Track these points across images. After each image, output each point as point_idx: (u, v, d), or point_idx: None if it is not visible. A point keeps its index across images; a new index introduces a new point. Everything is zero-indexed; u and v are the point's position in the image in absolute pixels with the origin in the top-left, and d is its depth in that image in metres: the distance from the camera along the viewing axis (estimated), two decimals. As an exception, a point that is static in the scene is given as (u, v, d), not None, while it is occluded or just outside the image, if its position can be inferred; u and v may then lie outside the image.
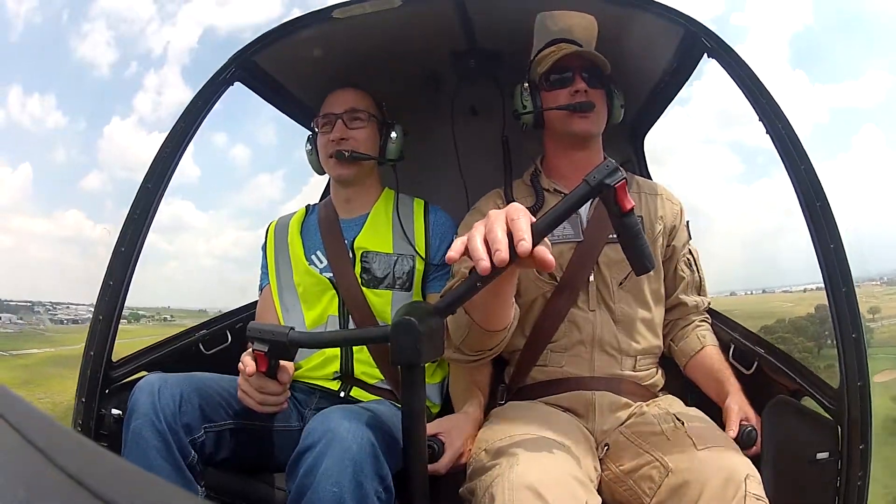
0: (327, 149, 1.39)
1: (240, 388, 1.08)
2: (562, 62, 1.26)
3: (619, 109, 1.33)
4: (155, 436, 1.02)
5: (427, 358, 0.82)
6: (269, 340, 0.97)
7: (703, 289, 1.36)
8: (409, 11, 1.35)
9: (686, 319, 1.34)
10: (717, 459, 0.94)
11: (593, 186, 0.80)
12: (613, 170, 0.80)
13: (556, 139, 1.32)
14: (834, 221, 1.11)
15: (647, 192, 1.35)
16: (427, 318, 0.82)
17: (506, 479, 0.85)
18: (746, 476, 0.89)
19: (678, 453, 0.99)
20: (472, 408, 1.18)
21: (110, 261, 1.33)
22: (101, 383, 1.27)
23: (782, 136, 1.17)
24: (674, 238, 1.33)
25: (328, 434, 0.94)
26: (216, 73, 1.41)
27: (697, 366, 1.28)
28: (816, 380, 1.15)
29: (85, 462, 0.31)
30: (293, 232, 1.46)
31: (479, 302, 0.92)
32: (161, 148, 1.38)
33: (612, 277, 1.23)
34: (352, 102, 1.40)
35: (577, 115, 1.24)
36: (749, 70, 1.21)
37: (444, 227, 1.42)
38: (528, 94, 1.30)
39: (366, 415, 1.02)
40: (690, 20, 1.27)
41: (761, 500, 0.88)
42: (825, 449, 1.07)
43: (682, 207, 1.37)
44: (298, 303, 1.39)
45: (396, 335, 0.81)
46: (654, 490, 0.98)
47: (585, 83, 1.25)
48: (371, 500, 0.93)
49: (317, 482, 0.90)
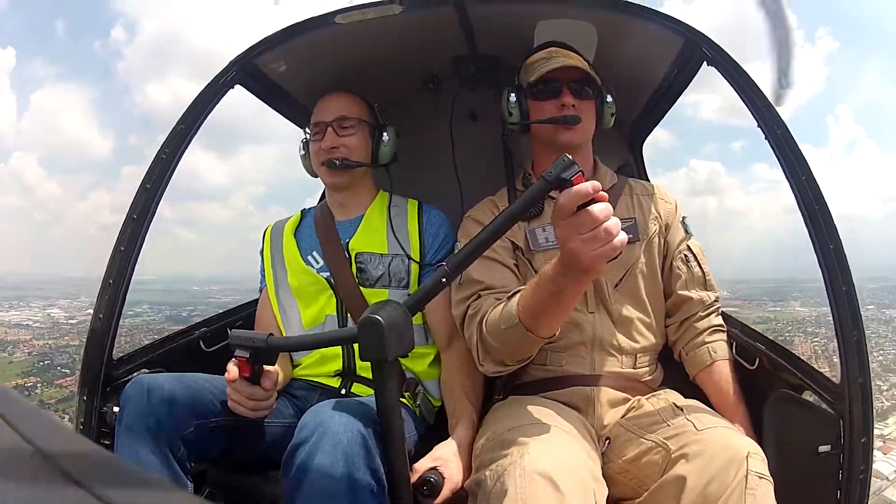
0: (319, 157, 1.40)
1: (230, 398, 1.10)
2: (550, 74, 1.26)
3: (609, 118, 1.33)
4: (145, 430, 1.03)
5: (394, 353, 0.86)
6: (249, 346, 1.01)
7: (710, 284, 1.32)
8: (410, 18, 1.36)
9: (694, 317, 1.30)
10: (719, 439, 0.95)
11: (550, 181, 0.85)
12: (569, 164, 0.84)
13: (542, 146, 1.33)
14: (833, 223, 1.13)
15: (641, 193, 1.36)
16: (393, 316, 0.86)
17: (518, 468, 0.86)
18: (748, 454, 0.90)
19: (680, 437, 1.00)
20: (465, 430, 1.17)
21: (110, 260, 1.34)
22: (101, 381, 1.29)
23: (781, 143, 1.18)
24: (668, 235, 1.33)
25: (320, 428, 0.95)
26: (217, 75, 1.42)
27: (705, 381, 1.26)
28: (818, 375, 1.16)
29: (84, 462, 0.32)
30: (288, 234, 1.47)
31: (549, 311, 1.00)
32: (161, 149, 1.39)
33: (607, 280, 1.24)
34: (342, 110, 1.40)
35: (562, 127, 1.25)
36: (748, 78, 1.23)
37: (437, 225, 1.43)
38: (514, 101, 1.30)
39: (358, 408, 1.03)
40: (690, 29, 1.29)
41: (764, 477, 0.89)
42: (827, 442, 1.09)
43: (676, 205, 1.37)
44: (295, 303, 1.40)
45: (363, 333, 0.86)
46: (658, 474, 0.98)
47: (573, 96, 1.25)
48: (363, 493, 0.94)
49: (310, 476, 0.92)
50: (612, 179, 1.36)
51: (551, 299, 0.98)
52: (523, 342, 1.06)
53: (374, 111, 1.46)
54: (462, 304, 1.22)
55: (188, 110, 1.40)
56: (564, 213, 0.86)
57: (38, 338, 14.77)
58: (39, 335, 14.95)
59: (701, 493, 0.88)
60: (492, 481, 0.90)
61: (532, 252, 1.25)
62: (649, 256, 1.28)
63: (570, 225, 0.85)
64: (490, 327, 1.11)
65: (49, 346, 14.45)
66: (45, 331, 15.20)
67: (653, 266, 1.29)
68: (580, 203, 0.84)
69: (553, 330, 1.06)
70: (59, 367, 13.42)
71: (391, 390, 0.90)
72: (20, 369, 13.25)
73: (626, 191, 1.35)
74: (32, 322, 15.72)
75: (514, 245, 1.26)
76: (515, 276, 1.23)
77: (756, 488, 0.87)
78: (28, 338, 14.74)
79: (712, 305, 1.31)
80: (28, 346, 14.37)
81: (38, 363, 13.61)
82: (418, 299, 0.93)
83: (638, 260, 1.27)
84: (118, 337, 1.34)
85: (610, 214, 0.85)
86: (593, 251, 0.85)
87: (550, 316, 1.02)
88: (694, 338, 1.28)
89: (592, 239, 0.84)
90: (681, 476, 0.92)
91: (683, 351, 1.30)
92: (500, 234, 0.93)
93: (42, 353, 14.09)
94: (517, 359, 1.13)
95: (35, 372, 13.21)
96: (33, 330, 15.24)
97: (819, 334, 11.49)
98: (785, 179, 1.19)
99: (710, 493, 0.87)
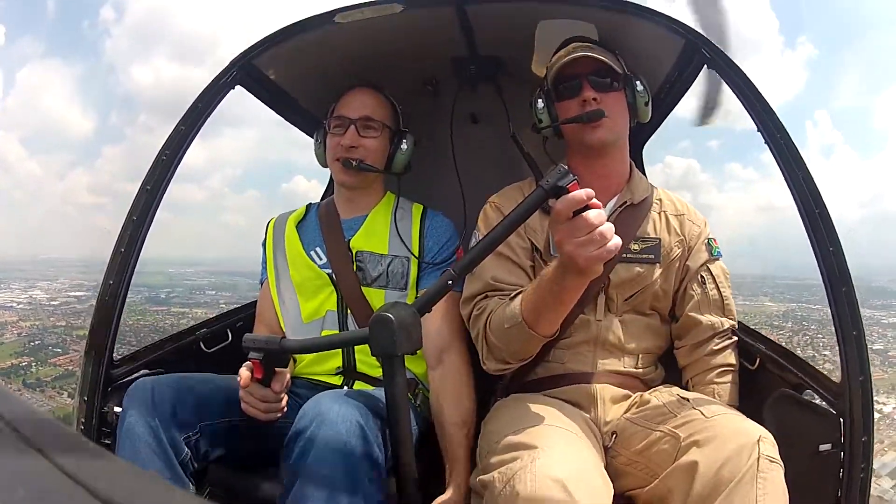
0: (335, 152, 1.39)
1: (242, 401, 1.10)
2: (567, 69, 1.21)
3: (644, 108, 1.25)
4: (147, 432, 1.03)
5: (403, 349, 0.91)
6: (263, 349, 1.03)
7: (728, 309, 1.28)
8: (410, 17, 1.36)
9: (705, 348, 1.26)
10: (729, 425, 0.95)
11: (547, 190, 0.90)
12: (565, 173, 0.89)
13: (574, 149, 1.28)
14: (832, 225, 1.13)
15: (671, 212, 1.31)
16: (403, 314, 0.91)
17: (528, 472, 0.86)
18: (760, 438, 0.90)
19: (689, 425, 1.00)
20: (460, 479, 1.18)
21: (110, 261, 1.34)
22: (102, 382, 1.29)
23: (780, 146, 1.18)
24: (689, 258, 1.29)
25: (318, 417, 0.96)
26: (217, 76, 1.42)
27: None
28: (818, 375, 1.17)
29: (84, 462, 0.32)
30: (290, 228, 1.47)
31: (551, 310, 1.03)
32: (161, 150, 1.38)
33: (619, 294, 1.24)
34: (368, 109, 1.38)
35: (588, 126, 1.20)
36: (748, 80, 1.23)
37: (439, 230, 1.42)
38: (542, 106, 1.26)
39: (358, 398, 1.03)
40: (690, 30, 1.28)
41: (775, 461, 0.89)
42: (828, 441, 1.09)
43: (704, 225, 1.32)
44: (295, 296, 1.41)
45: (374, 329, 0.90)
46: (669, 462, 0.98)
47: (594, 89, 1.20)
48: (362, 482, 0.94)
49: (308, 465, 0.93)
50: (644, 191, 1.29)
51: (552, 298, 1.01)
52: (525, 340, 1.08)
53: (399, 115, 1.45)
54: (469, 302, 1.22)
55: (188, 111, 1.39)
56: (561, 218, 0.90)
57: (23, 319, 14.83)
58: (25, 317, 15.00)
59: (713, 477, 0.88)
60: (501, 484, 0.89)
61: (551, 255, 1.22)
62: (665, 279, 1.26)
63: (567, 230, 0.90)
64: (494, 327, 1.12)
65: (36, 326, 14.53)
66: (30, 312, 15.26)
67: (668, 288, 1.27)
68: (576, 209, 0.89)
69: (554, 328, 1.07)
70: (51, 346, 13.57)
71: (400, 385, 0.93)
72: (12, 349, 13.39)
73: (656, 206, 1.30)
74: (16, 304, 15.75)
75: (533, 246, 1.25)
76: (529, 277, 1.22)
77: (767, 472, 0.87)
78: (14, 319, 14.80)
79: (725, 334, 1.27)
80: (16, 328, 14.43)
81: (29, 343, 13.71)
82: (426, 300, 0.95)
83: (654, 282, 1.24)
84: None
85: (604, 220, 0.90)
86: (588, 254, 0.89)
87: (551, 314, 1.04)
88: (703, 373, 1.26)
89: (588, 243, 0.89)
90: (693, 461, 0.92)
91: (691, 382, 1.29)
92: (501, 241, 0.97)
93: (31, 334, 14.17)
94: (519, 357, 1.14)
95: (28, 352, 13.36)
96: (18, 311, 15.28)
97: (785, 328, 12.23)
98: (774, 180, 1.19)
99: (723, 477, 0.88)
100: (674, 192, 1.36)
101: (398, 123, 1.45)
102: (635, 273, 1.23)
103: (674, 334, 1.32)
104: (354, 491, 0.94)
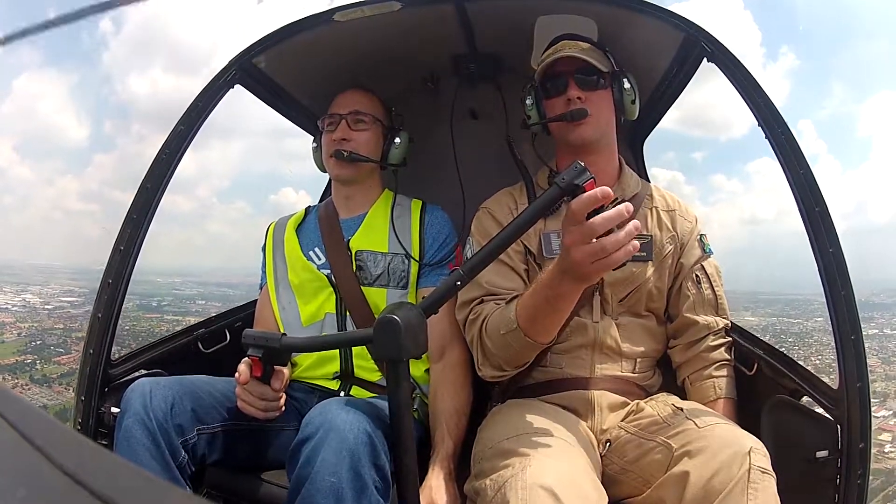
0: (329, 148, 1.40)
1: (240, 399, 1.09)
2: (554, 68, 1.22)
3: (630, 106, 1.25)
4: (145, 434, 1.02)
5: (408, 353, 0.87)
6: (262, 346, 1.01)
7: (722, 308, 1.28)
8: (409, 15, 1.36)
9: (701, 345, 1.26)
10: (721, 435, 0.95)
11: (563, 188, 0.85)
12: (582, 171, 0.85)
13: (562, 145, 1.29)
14: (833, 226, 1.11)
15: (662, 208, 1.30)
16: (409, 317, 0.87)
17: (519, 480, 0.85)
18: (751, 449, 0.90)
19: (682, 435, 0.99)
20: (442, 464, 1.14)
21: (109, 260, 1.33)
22: (100, 382, 1.28)
23: (781, 142, 1.16)
24: (682, 255, 1.28)
25: (325, 425, 0.95)
26: (217, 75, 1.42)
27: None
28: (816, 381, 1.15)
29: (83, 461, 0.31)
30: (290, 230, 1.47)
31: (546, 316, 1.01)
32: (161, 149, 1.38)
33: (614, 294, 1.23)
34: (357, 105, 1.40)
35: (572, 124, 1.20)
36: (749, 75, 1.21)
37: (438, 225, 1.42)
38: (531, 103, 1.27)
39: (364, 406, 1.03)
40: (691, 24, 1.27)
41: (766, 472, 0.88)
42: (825, 447, 1.08)
43: (696, 222, 1.31)
44: (294, 299, 1.40)
45: (379, 332, 0.86)
46: (661, 471, 0.98)
47: (580, 88, 1.20)
48: (369, 490, 0.94)
49: (315, 472, 0.92)
50: (635, 187, 1.29)
51: (547, 304, 0.99)
52: (521, 347, 1.07)
53: (390, 113, 1.46)
54: (465, 307, 1.21)
55: (188, 111, 1.39)
56: (575, 220, 0.86)
57: (21, 321, 14.92)
58: (22, 318, 15.10)
59: (704, 487, 0.88)
60: (492, 491, 0.89)
61: (544, 258, 1.23)
62: (659, 277, 1.25)
63: (578, 233, 0.86)
64: (490, 332, 1.12)
65: (35, 328, 14.61)
66: (26, 314, 15.36)
67: (662, 286, 1.26)
68: (591, 211, 0.84)
69: (550, 336, 1.06)
70: (52, 346, 13.67)
71: (404, 390, 0.90)
72: (15, 348, 13.50)
73: (647, 202, 1.29)
74: (11, 306, 15.83)
75: (527, 250, 1.24)
76: (524, 281, 1.21)
77: (759, 482, 0.87)
78: (12, 320, 14.89)
79: (720, 333, 1.27)
80: (15, 328, 14.52)
81: (31, 343, 13.83)
82: (433, 301, 0.92)
83: (647, 279, 1.24)
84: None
85: (614, 224, 0.85)
86: (594, 262, 0.86)
87: (547, 321, 1.03)
88: (701, 369, 1.26)
89: (598, 251, 0.85)
90: (684, 471, 0.92)
91: (688, 380, 1.28)
92: (513, 240, 0.94)
93: (31, 334, 14.27)
94: (515, 364, 1.13)
95: (31, 351, 13.47)
96: (13, 313, 15.37)
97: (763, 338, 12.21)
98: (758, 192, 1.19)
99: (713, 488, 0.87)
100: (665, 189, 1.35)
101: (390, 120, 1.46)
102: (629, 272, 1.22)
103: (669, 333, 1.31)
104: (361, 499, 0.93)
